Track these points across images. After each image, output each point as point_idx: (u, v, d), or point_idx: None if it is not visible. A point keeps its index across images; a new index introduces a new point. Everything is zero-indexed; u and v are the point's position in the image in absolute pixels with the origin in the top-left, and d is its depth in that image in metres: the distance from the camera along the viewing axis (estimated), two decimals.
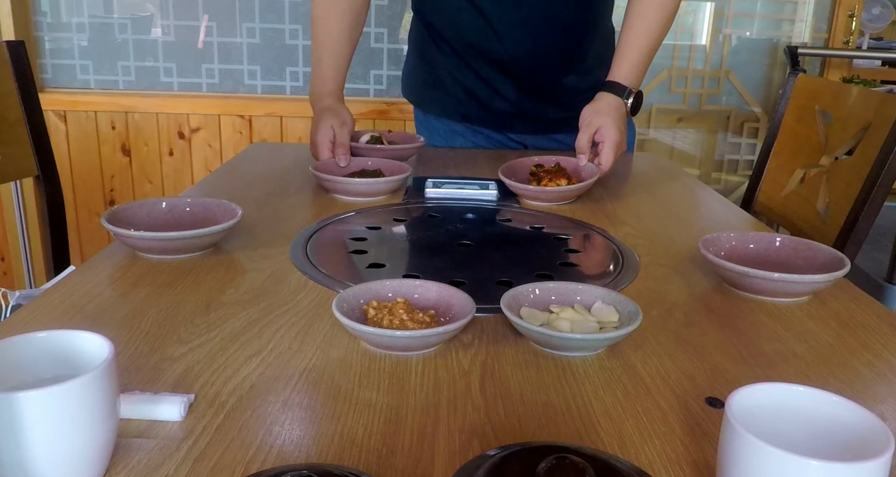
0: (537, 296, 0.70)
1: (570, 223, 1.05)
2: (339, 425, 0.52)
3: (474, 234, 0.99)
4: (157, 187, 2.42)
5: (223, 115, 2.36)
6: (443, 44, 1.41)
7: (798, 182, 1.43)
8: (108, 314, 0.70)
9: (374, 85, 2.40)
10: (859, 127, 1.28)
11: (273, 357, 0.62)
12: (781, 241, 0.88)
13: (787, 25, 2.60)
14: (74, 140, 2.36)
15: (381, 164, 1.19)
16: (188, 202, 0.93)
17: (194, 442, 0.50)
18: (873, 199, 1.19)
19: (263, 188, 1.16)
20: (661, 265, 0.89)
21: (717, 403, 0.57)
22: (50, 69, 2.36)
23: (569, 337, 0.63)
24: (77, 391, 0.42)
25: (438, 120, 1.52)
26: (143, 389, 0.56)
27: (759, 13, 2.58)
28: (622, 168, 1.42)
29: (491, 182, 1.19)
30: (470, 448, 0.50)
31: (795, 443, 0.43)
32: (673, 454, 0.51)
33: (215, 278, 0.79)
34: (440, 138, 1.53)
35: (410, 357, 0.63)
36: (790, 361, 0.66)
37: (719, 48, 2.57)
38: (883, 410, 0.58)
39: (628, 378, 0.61)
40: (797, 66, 2.39)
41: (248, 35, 2.36)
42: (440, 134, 1.53)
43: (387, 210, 1.08)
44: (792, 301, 0.79)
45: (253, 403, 0.55)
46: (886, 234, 2.14)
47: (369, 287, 0.70)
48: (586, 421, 0.54)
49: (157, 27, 2.36)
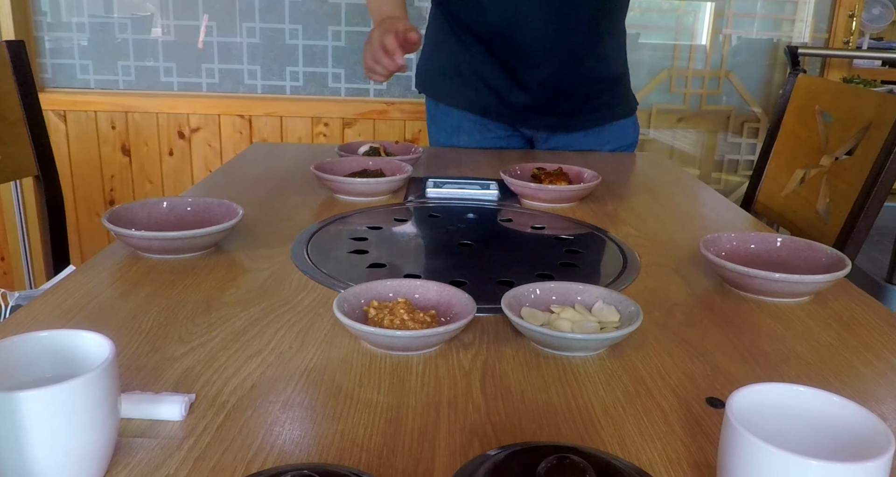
0: (538, 296, 0.71)
1: (570, 223, 1.05)
2: (340, 425, 0.52)
3: (475, 234, 0.99)
4: (156, 187, 2.42)
5: (223, 115, 2.36)
6: (464, 35, 1.42)
7: (798, 182, 1.43)
8: (109, 314, 0.70)
9: (374, 85, 2.40)
10: (859, 127, 1.28)
11: (274, 357, 0.62)
12: (782, 241, 0.88)
13: (787, 25, 2.60)
14: (74, 140, 2.36)
15: (381, 164, 1.19)
16: (189, 202, 0.93)
17: (195, 442, 0.50)
18: (873, 199, 1.19)
19: (264, 188, 1.16)
20: (662, 265, 0.89)
21: (718, 404, 0.57)
22: (50, 69, 2.36)
23: (569, 337, 0.63)
24: (78, 391, 0.42)
25: (448, 115, 1.52)
26: (144, 388, 0.56)
27: (759, 13, 2.58)
28: (623, 168, 1.42)
29: (492, 182, 1.19)
30: (470, 448, 0.50)
31: (796, 443, 0.43)
32: (673, 454, 0.51)
33: (216, 278, 0.79)
34: (445, 134, 1.53)
35: (411, 357, 0.63)
36: (791, 361, 0.66)
37: (719, 48, 2.57)
38: (883, 410, 0.58)
39: (629, 378, 0.61)
40: (797, 66, 2.39)
41: (249, 35, 2.36)
42: (447, 130, 1.53)
43: (388, 210, 1.08)
44: (793, 301, 0.79)
45: (254, 402, 0.55)
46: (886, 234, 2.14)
47: (370, 287, 0.70)
48: (587, 421, 0.54)
49: (158, 27, 2.36)
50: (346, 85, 2.40)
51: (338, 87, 2.40)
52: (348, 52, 2.38)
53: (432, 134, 1.57)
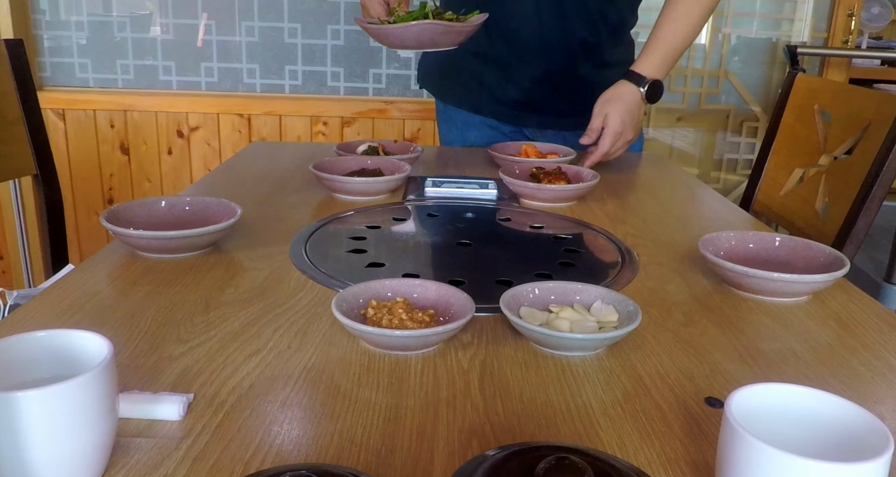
0: (537, 295, 0.70)
1: (569, 223, 1.05)
2: (339, 425, 0.52)
3: (474, 234, 0.99)
4: (155, 186, 2.42)
5: (222, 114, 2.36)
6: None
7: (797, 181, 1.43)
8: (107, 313, 0.70)
9: (373, 83, 2.40)
10: (858, 126, 1.28)
11: (272, 356, 0.62)
12: (781, 240, 0.88)
13: (786, 25, 2.60)
14: (73, 139, 2.36)
15: (380, 163, 1.19)
16: (188, 201, 0.93)
17: (193, 441, 0.50)
18: (872, 198, 1.19)
19: (263, 187, 1.16)
20: (661, 265, 0.89)
21: (717, 403, 0.57)
22: (49, 67, 2.36)
23: (568, 337, 0.63)
24: (76, 391, 0.42)
25: (456, 111, 1.53)
26: (143, 388, 0.56)
27: (758, 12, 2.58)
28: (622, 167, 1.42)
29: (490, 181, 1.19)
30: (469, 448, 0.50)
31: (794, 443, 0.43)
32: (672, 454, 0.51)
33: (215, 277, 0.79)
34: (457, 130, 1.54)
35: (410, 357, 0.63)
36: (789, 360, 0.66)
37: (718, 47, 2.57)
38: (882, 410, 0.58)
39: (627, 378, 0.61)
40: (796, 66, 2.39)
41: (248, 33, 2.35)
42: (457, 126, 1.54)
43: (386, 209, 1.08)
44: (791, 301, 0.79)
45: (252, 402, 0.55)
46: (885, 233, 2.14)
47: (369, 286, 0.70)
48: (585, 421, 0.54)
49: (156, 25, 2.36)
50: (345, 84, 2.40)
51: (337, 86, 2.40)
52: (347, 51, 2.37)
53: (442, 132, 1.59)
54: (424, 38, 1.19)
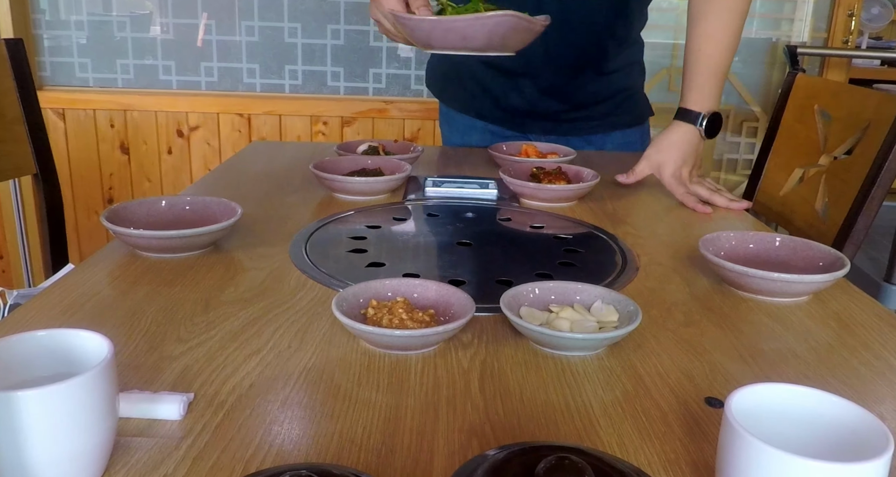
0: (537, 295, 0.70)
1: (569, 223, 1.05)
2: (339, 424, 0.52)
3: (474, 234, 0.99)
4: (155, 186, 2.42)
5: (222, 114, 2.36)
6: None
7: (797, 181, 1.43)
8: (107, 313, 0.70)
9: (373, 83, 2.40)
10: (858, 126, 1.28)
11: (272, 356, 0.62)
12: (781, 240, 0.88)
13: (786, 25, 2.60)
14: (73, 138, 2.36)
15: (380, 163, 1.19)
16: (188, 201, 0.93)
17: (193, 441, 0.50)
18: (872, 198, 1.19)
19: (263, 187, 1.16)
20: (661, 265, 0.89)
21: (717, 403, 0.57)
22: (48, 67, 2.36)
23: (568, 336, 0.63)
24: (76, 390, 0.42)
25: (459, 115, 1.53)
26: (143, 387, 0.56)
27: (758, 12, 2.58)
28: (622, 167, 1.42)
29: (491, 181, 1.19)
30: (469, 448, 0.50)
31: (795, 443, 0.43)
32: (672, 454, 0.51)
33: (215, 277, 0.79)
34: (458, 133, 1.54)
35: (410, 356, 0.63)
36: (790, 360, 0.66)
37: None
38: (882, 410, 0.59)
39: (627, 378, 0.61)
40: (796, 66, 2.39)
41: (248, 33, 2.35)
42: (459, 129, 1.54)
43: (386, 209, 1.08)
44: (791, 301, 0.79)
45: (252, 402, 0.55)
46: (885, 233, 2.14)
47: (369, 286, 0.70)
48: (585, 421, 0.54)
49: (156, 25, 2.36)
50: (345, 83, 2.40)
51: (337, 86, 2.40)
52: (347, 51, 2.38)
53: (445, 134, 1.59)
54: (497, 34, 0.96)
